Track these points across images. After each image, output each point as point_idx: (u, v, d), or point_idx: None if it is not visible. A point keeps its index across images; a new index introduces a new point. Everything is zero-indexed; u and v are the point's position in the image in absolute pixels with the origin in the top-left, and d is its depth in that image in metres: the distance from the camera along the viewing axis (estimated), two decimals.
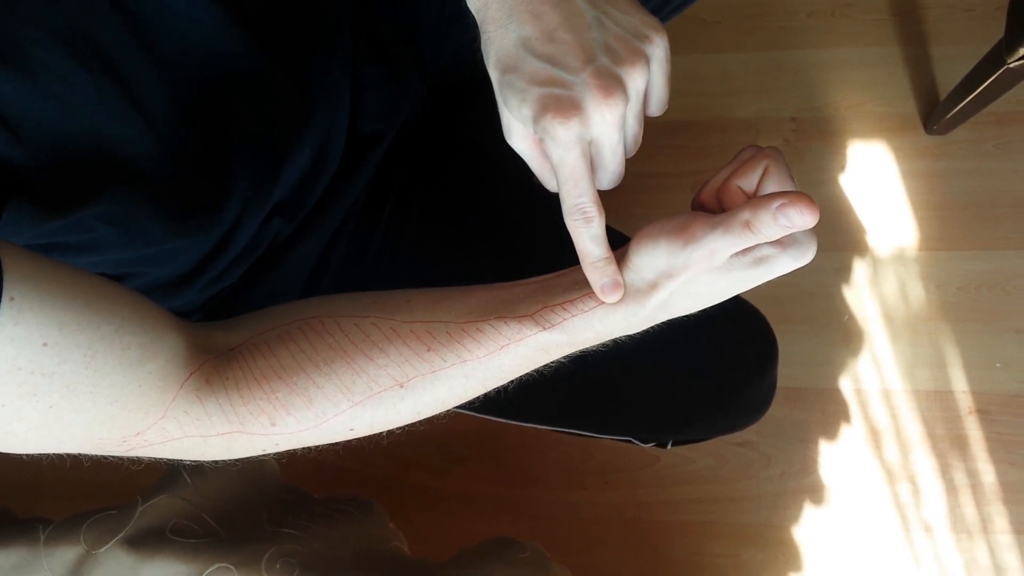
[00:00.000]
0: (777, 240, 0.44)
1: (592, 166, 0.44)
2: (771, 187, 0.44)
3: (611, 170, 0.45)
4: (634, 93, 0.42)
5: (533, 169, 0.47)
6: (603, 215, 0.45)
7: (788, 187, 0.44)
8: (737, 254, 0.44)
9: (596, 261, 0.46)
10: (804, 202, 0.39)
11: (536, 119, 0.42)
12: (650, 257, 0.45)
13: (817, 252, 0.45)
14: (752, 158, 0.46)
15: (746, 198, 0.45)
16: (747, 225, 0.41)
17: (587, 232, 0.45)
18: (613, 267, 0.46)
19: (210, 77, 0.53)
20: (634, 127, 0.44)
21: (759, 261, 0.44)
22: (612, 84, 0.41)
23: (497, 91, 0.44)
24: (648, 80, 0.43)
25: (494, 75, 0.44)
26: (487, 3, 0.44)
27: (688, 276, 0.45)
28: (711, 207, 0.47)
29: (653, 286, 0.46)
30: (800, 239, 0.44)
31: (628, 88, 0.42)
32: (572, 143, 0.42)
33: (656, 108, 0.46)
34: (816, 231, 0.44)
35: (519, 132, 0.45)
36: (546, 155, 0.44)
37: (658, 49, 0.43)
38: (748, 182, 0.45)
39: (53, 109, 0.43)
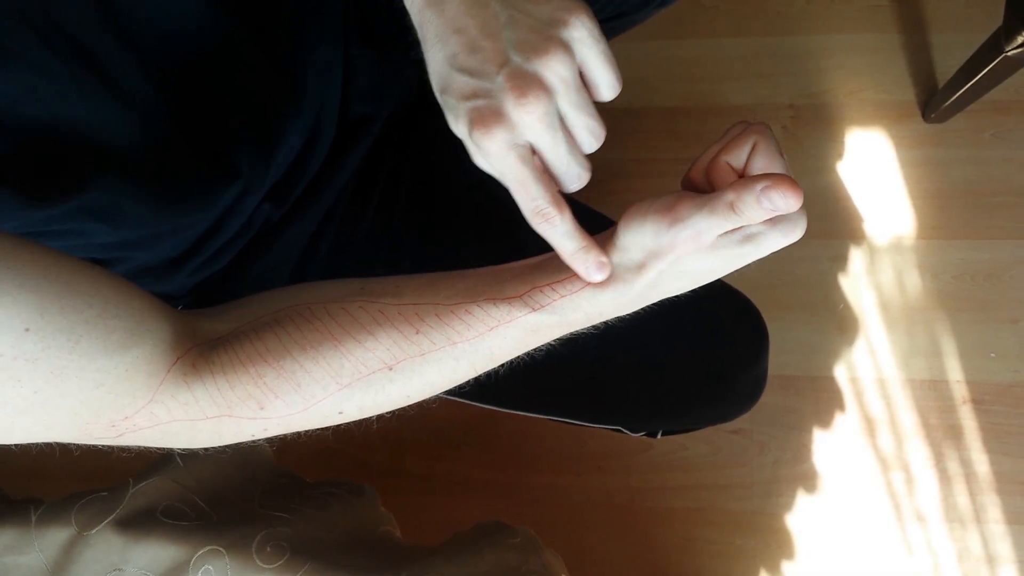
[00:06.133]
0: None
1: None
2: (759, 163, 0.44)
3: (562, 170, 0.43)
4: (557, 83, 0.40)
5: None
6: (566, 209, 0.43)
7: (776, 164, 0.44)
8: (725, 233, 0.43)
9: (574, 253, 0.45)
10: (787, 185, 0.39)
11: (469, 136, 0.41)
12: (637, 236, 0.44)
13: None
14: (741, 134, 0.45)
15: (735, 175, 0.44)
16: (731, 207, 0.41)
17: (554, 232, 0.44)
18: (594, 252, 0.45)
19: (194, 58, 0.53)
20: (579, 118, 0.42)
21: (748, 239, 0.44)
22: (525, 83, 0.39)
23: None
24: (578, 65, 0.41)
25: (437, 98, 0.43)
26: (421, 25, 0.43)
27: (675, 256, 0.44)
28: (700, 185, 0.46)
29: (641, 266, 0.45)
30: (789, 215, 0.43)
31: (547, 81, 0.40)
32: (503, 152, 0.40)
33: (606, 91, 0.43)
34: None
35: (475, 152, 0.43)
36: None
37: (577, 30, 0.40)
38: (736, 158, 0.44)
39: (27, 98, 0.43)
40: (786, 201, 0.39)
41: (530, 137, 0.41)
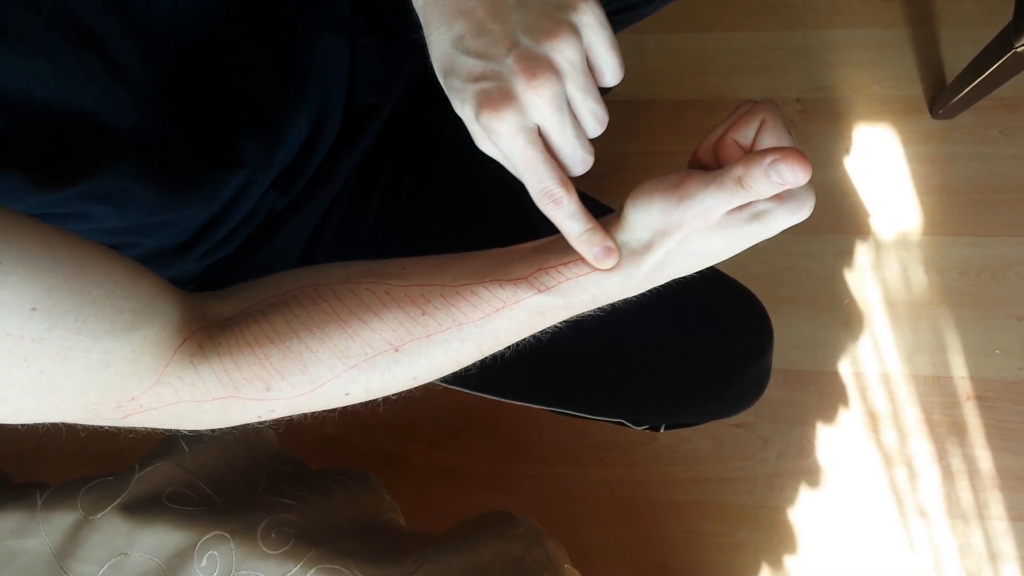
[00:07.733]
0: (774, 194, 0.43)
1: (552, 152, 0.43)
2: (767, 140, 0.44)
3: (567, 153, 0.43)
4: (566, 66, 0.40)
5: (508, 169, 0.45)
6: (572, 192, 0.44)
7: (784, 140, 0.44)
8: (733, 210, 0.43)
9: (580, 235, 0.45)
10: (795, 158, 0.39)
11: (476, 118, 0.41)
12: (644, 215, 0.45)
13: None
14: (748, 112, 0.45)
15: (742, 152, 0.44)
16: (739, 181, 0.41)
17: (561, 212, 0.44)
18: (600, 235, 0.45)
19: (197, 44, 0.53)
20: (586, 103, 0.42)
21: (756, 216, 0.43)
22: (536, 64, 0.39)
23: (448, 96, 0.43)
24: (585, 50, 0.41)
25: (440, 80, 0.43)
26: (424, 7, 0.43)
27: (683, 234, 0.44)
28: (708, 164, 0.47)
29: (648, 246, 0.45)
30: (797, 193, 0.43)
31: (556, 63, 0.40)
32: (513, 134, 0.41)
33: (610, 77, 0.43)
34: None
35: (480, 135, 0.43)
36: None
37: (586, 15, 0.40)
38: (744, 136, 0.45)
39: (34, 81, 0.43)
40: (794, 174, 0.39)
41: (539, 119, 0.41)
